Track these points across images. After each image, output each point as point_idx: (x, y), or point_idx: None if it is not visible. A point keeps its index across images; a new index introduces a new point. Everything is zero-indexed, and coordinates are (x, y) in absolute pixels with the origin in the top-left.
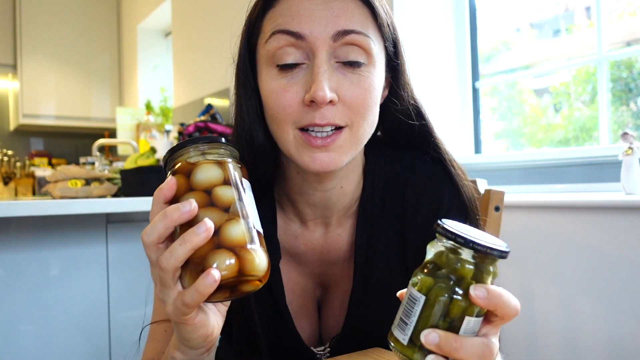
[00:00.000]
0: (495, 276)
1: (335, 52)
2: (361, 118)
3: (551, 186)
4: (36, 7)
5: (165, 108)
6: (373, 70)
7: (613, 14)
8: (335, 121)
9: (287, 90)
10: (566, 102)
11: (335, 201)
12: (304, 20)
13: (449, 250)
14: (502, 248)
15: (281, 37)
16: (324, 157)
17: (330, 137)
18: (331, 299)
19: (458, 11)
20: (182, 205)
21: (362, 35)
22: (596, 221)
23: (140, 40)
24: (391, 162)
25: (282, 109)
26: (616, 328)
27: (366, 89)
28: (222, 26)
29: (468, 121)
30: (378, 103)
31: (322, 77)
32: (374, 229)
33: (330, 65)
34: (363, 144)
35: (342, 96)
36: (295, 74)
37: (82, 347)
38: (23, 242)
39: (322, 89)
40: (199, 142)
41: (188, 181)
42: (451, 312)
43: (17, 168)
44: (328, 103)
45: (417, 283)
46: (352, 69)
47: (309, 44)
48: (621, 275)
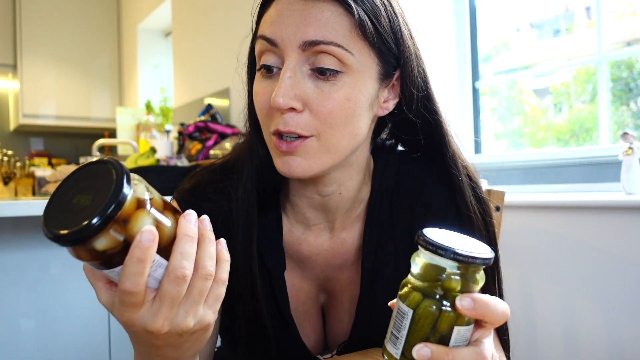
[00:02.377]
0: (481, 282)
1: (309, 59)
2: (330, 128)
3: (551, 186)
4: (36, 7)
5: (165, 108)
6: (350, 81)
7: (613, 14)
8: (297, 130)
9: (263, 93)
10: (566, 102)
11: (335, 206)
12: (277, 27)
13: (432, 261)
14: (485, 255)
15: (261, 42)
16: (292, 162)
17: (294, 142)
18: (336, 304)
19: (458, 11)
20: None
21: (333, 45)
22: (596, 221)
23: (140, 40)
24: (400, 167)
25: (259, 111)
26: (616, 328)
27: (336, 99)
28: (222, 26)
29: (468, 121)
30: (359, 114)
31: (282, 84)
32: (382, 234)
33: (302, 72)
34: (342, 154)
35: (309, 104)
36: (273, 78)
37: (82, 347)
38: (23, 242)
39: (279, 96)
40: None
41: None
42: (440, 325)
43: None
44: (290, 110)
45: (405, 296)
46: (325, 77)
47: (280, 50)
48: (621, 275)
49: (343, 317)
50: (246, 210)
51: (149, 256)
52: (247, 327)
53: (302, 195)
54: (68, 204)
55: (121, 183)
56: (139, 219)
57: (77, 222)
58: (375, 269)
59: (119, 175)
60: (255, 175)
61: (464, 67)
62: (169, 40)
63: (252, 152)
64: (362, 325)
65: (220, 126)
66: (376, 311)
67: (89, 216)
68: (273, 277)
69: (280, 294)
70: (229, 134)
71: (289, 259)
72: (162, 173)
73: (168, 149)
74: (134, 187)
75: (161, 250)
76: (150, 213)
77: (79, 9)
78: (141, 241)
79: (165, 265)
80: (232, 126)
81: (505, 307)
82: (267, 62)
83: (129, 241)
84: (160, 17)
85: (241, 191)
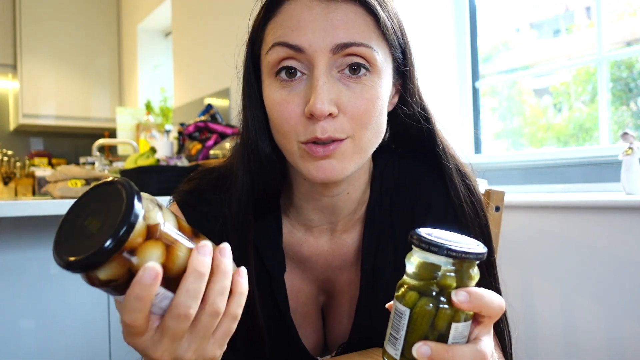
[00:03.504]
0: (476, 278)
1: (336, 63)
2: (363, 128)
3: (551, 186)
4: (36, 7)
5: (165, 108)
6: (377, 80)
7: (613, 14)
8: (336, 135)
9: (288, 102)
10: (566, 102)
11: (342, 207)
12: (302, 33)
13: (426, 259)
14: (478, 250)
15: (281, 49)
16: (327, 165)
17: (331, 145)
18: (336, 305)
19: (458, 11)
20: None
21: (363, 46)
22: (596, 221)
23: (140, 40)
24: (400, 168)
25: (285, 120)
26: (616, 328)
27: (369, 100)
28: (222, 26)
29: (468, 121)
30: (384, 112)
31: (320, 90)
32: (382, 235)
33: (331, 76)
34: (369, 153)
35: (343, 108)
36: (296, 85)
37: (82, 347)
38: (23, 242)
39: (320, 102)
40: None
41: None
42: (438, 322)
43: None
44: (328, 116)
45: (401, 296)
46: (355, 79)
47: (308, 56)
48: (621, 275)
49: (343, 318)
50: (243, 213)
51: (150, 294)
52: (245, 329)
53: (310, 198)
54: (78, 228)
55: (129, 211)
56: (146, 251)
57: (83, 250)
58: (375, 270)
59: (128, 200)
60: (251, 183)
61: (464, 67)
62: (169, 40)
63: (250, 159)
64: (362, 326)
65: (220, 126)
66: (376, 312)
67: (94, 245)
68: (273, 278)
69: (280, 296)
70: (229, 134)
71: (289, 261)
72: (162, 173)
73: (168, 149)
74: (146, 212)
75: (170, 280)
76: (160, 242)
77: (79, 9)
78: (143, 278)
79: (171, 297)
80: (232, 126)
81: (500, 300)
82: (289, 69)
83: (133, 273)
84: (160, 17)
85: (237, 195)
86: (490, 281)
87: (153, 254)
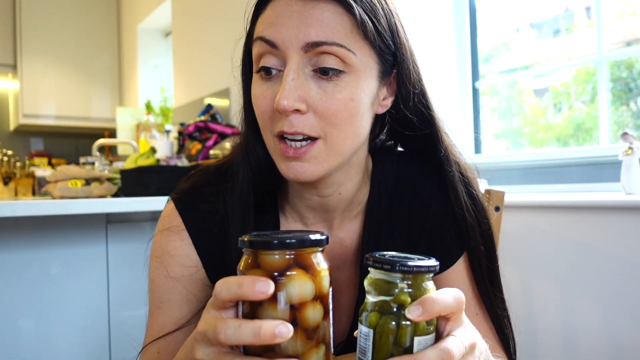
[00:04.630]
0: (432, 291)
1: (310, 61)
2: (335, 129)
3: (551, 186)
4: (36, 7)
5: (165, 108)
6: (353, 81)
7: (613, 14)
8: (304, 131)
9: (265, 96)
10: (566, 102)
11: (334, 206)
12: (278, 29)
13: (382, 278)
14: (430, 263)
15: (260, 44)
16: (298, 167)
17: (303, 148)
18: (335, 304)
19: (458, 11)
20: (259, 285)
21: (336, 46)
22: (596, 221)
23: (140, 40)
24: (399, 167)
25: (261, 114)
26: (616, 328)
27: (340, 100)
28: (222, 26)
29: (468, 121)
30: (360, 114)
31: (287, 86)
32: (381, 235)
33: (304, 73)
34: (346, 155)
35: (313, 106)
36: (274, 80)
37: (82, 347)
38: (23, 242)
39: (284, 98)
40: (306, 243)
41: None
42: (401, 339)
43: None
44: (295, 112)
45: (364, 318)
46: (328, 78)
47: (281, 52)
48: (621, 275)
49: (341, 317)
50: (243, 212)
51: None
52: None
53: (301, 196)
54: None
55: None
56: (296, 279)
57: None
58: None
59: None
60: (252, 177)
61: (464, 67)
62: (169, 40)
63: (249, 154)
64: None
65: (220, 126)
66: None
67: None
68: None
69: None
70: (229, 134)
71: None
72: (162, 173)
73: (168, 149)
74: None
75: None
76: (319, 305)
77: (79, 9)
78: (271, 327)
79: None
80: (232, 126)
81: (455, 293)
82: (266, 64)
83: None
84: (160, 17)
85: (237, 193)
86: (492, 291)
87: (317, 313)
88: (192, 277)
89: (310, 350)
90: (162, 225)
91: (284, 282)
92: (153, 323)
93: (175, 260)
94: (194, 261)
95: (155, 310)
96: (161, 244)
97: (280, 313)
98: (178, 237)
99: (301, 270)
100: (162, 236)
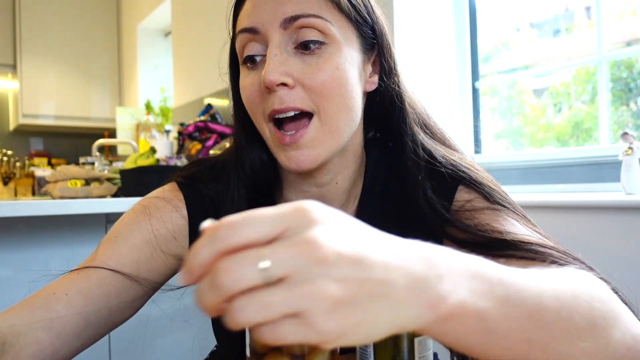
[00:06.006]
0: None
1: (291, 38)
2: (326, 101)
3: (551, 186)
4: (36, 7)
5: (165, 108)
6: (335, 51)
7: (613, 14)
8: (296, 105)
9: (252, 83)
10: (566, 102)
11: (332, 198)
12: (255, 15)
13: None
14: None
15: (242, 36)
16: (297, 155)
17: (299, 132)
18: None
19: (458, 11)
20: None
21: (312, 17)
22: (596, 221)
23: (140, 40)
24: (390, 159)
25: (251, 102)
26: None
27: (326, 70)
28: (222, 26)
29: (468, 121)
30: (349, 85)
31: (271, 62)
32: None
33: (286, 51)
34: (343, 134)
35: (300, 80)
36: (259, 67)
37: None
38: (23, 242)
39: (269, 72)
40: None
41: None
42: (400, 343)
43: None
44: (283, 86)
45: None
46: (310, 51)
47: (263, 36)
48: (621, 275)
49: None
50: (236, 209)
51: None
52: None
53: (299, 189)
54: None
55: None
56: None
57: None
58: None
59: None
60: (244, 182)
61: (464, 67)
62: (169, 40)
63: (242, 160)
64: None
65: (220, 126)
66: None
67: None
68: None
69: None
70: (228, 134)
71: None
72: (162, 173)
73: (168, 149)
74: None
75: None
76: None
77: (79, 9)
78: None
79: None
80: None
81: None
82: (250, 52)
83: None
84: (160, 17)
85: (229, 200)
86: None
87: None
88: (164, 241)
89: (316, 349)
90: (161, 195)
91: None
92: (94, 254)
93: (161, 216)
94: (176, 232)
95: (105, 242)
96: (154, 203)
97: None
98: (174, 207)
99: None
100: (158, 200)
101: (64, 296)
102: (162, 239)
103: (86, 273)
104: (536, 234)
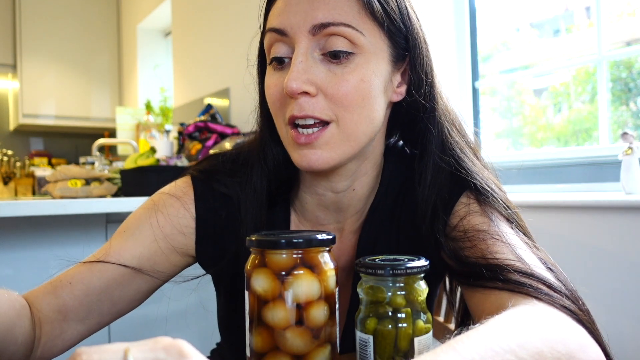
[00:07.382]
0: (425, 291)
1: (319, 44)
2: (346, 112)
3: (551, 186)
4: (36, 7)
5: (165, 108)
6: (363, 62)
7: (613, 14)
8: (315, 114)
9: (276, 84)
10: (566, 102)
11: (348, 204)
12: (286, 16)
13: (375, 284)
14: (420, 263)
15: (271, 35)
16: (310, 154)
17: (314, 133)
18: None
19: (458, 11)
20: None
21: (343, 26)
22: (596, 221)
23: (140, 40)
24: (408, 169)
25: (272, 103)
26: (616, 328)
27: (350, 81)
28: (222, 26)
29: (468, 121)
30: (373, 97)
31: (294, 69)
32: (380, 237)
33: (313, 57)
34: (360, 141)
35: (323, 88)
36: (285, 69)
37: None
38: (23, 242)
39: (292, 80)
40: (313, 242)
41: (278, 283)
42: (400, 341)
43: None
44: (304, 94)
45: (362, 327)
46: (337, 60)
47: (291, 39)
48: (621, 275)
49: (341, 318)
50: (255, 209)
51: None
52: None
53: (314, 192)
54: None
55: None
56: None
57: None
58: None
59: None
60: (267, 175)
61: (464, 67)
62: (169, 40)
63: (265, 152)
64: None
65: (220, 126)
66: None
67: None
68: None
69: None
70: (228, 134)
71: None
72: (162, 173)
73: (168, 149)
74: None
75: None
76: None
77: (79, 9)
78: None
79: None
80: (232, 126)
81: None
82: (277, 54)
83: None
84: (160, 17)
85: (251, 190)
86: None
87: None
88: (169, 238)
89: (317, 349)
90: (172, 191)
91: (291, 281)
92: (106, 246)
93: (168, 214)
94: (183, 229)
95: (115, 235)
96: (164, 200)
97: (287, 312)
98: (183, 206)
99: (308, 270)
100: (168, 197)
101: (67, 285)
102: (168, 236)
103: (91, 264)
104: (533, 256)
